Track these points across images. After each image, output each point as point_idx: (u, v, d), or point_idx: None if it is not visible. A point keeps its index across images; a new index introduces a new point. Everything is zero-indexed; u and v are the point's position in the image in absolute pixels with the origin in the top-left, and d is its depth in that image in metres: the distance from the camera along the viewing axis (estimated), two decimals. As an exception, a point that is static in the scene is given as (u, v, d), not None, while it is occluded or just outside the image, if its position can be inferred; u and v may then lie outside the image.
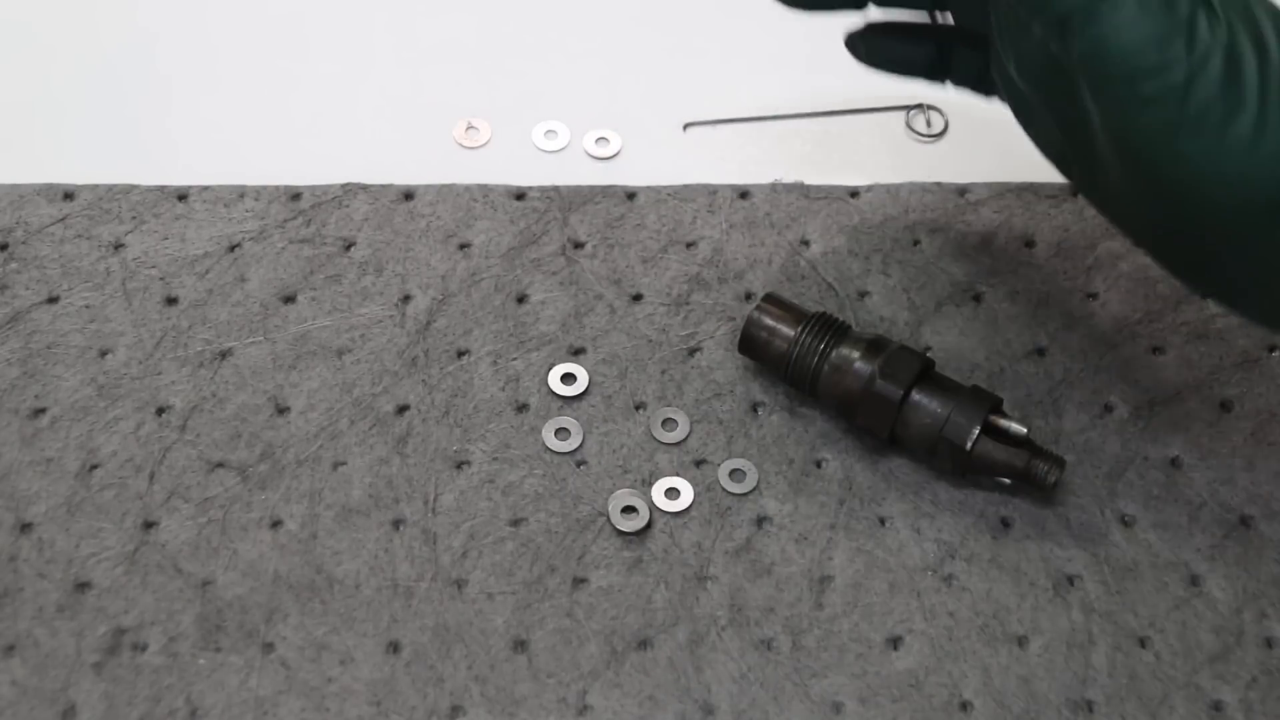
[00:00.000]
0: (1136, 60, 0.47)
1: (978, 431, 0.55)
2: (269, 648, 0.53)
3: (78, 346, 0.60)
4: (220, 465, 0.57)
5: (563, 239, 0.64)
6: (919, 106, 0.68)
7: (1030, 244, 0.64)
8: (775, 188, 0.66)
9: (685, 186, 0.65)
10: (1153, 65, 0.47)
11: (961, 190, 0.66)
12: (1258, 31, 0.47)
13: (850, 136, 0.66)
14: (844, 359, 0.57)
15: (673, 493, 0.57)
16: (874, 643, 0.54)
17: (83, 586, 0.55)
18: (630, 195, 0.65)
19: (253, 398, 0.59)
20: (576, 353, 0.61)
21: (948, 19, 0.59)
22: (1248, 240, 0.48)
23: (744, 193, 0.65)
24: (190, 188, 0.65)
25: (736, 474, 0.58)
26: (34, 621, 0.54)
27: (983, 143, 0.62)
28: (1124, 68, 0.47)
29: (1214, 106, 0.46)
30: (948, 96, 0.63)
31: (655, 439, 0.58)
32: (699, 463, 0.58)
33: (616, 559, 0.56)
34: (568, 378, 0.60)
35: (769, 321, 0.58)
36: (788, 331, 0.58)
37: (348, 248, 0.63)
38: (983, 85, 0.59)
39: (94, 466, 0.57)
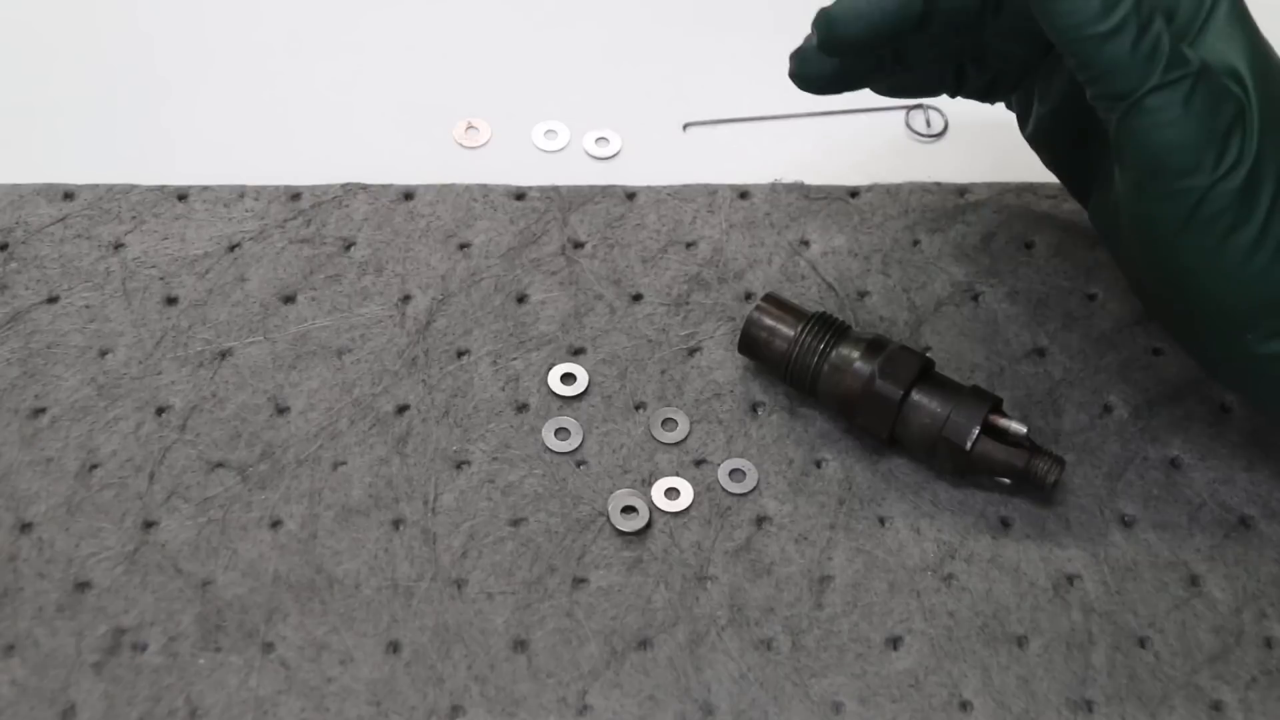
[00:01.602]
0: (1168, 158, 0.49)
1: (978, 431, 0.55)
2: (269, 648, 0.53)
3: (78, 346, 0.60)
4: (220, 465, 0.57)
5: (563, 239, 0.64)
6: (919, 106, 0.68)
7: (1030, 244, 0.64)
8: (775, 188, 0.66)
9: (685, 186, 0.65)
10: (1181, 166, 0.49)
11: (961, 190, 0.66)
12: None
13: (850, 136, 0.66)
14: (844, 359, 0.57)
15: (673, 493, 0.57)
16: (874, 643, 0.54)
17: (83, 586, 0.55)
18: (630, 195, 0.65)
19: (253, 398, 0.59)
20: (576, 353, 0.61)
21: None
22: (1235, 336, 0.51)
23: (744, 193, 0.65)
24: (190, 188, 0.65)
25: (736, 474, 0.58)
26: (34, 621, 0.54)
27: (983, 143, 0.62)
28: (1154, 160, 0.49)
29: (1224, 216, 0.49)
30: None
31: (655, 439, 0.58)
32: (699, 463, 0.58)
33: (616, 559, 0.56)
34: (568, 378, 0.60)
35: (769, 321, 0.58)
36: (788, 331, 0.58)
37: (348, 248, 0.63)
38: (990, 96, 0.61)
39: (94, 466, 0.57)
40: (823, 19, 0.55)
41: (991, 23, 0.56)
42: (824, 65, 0.57)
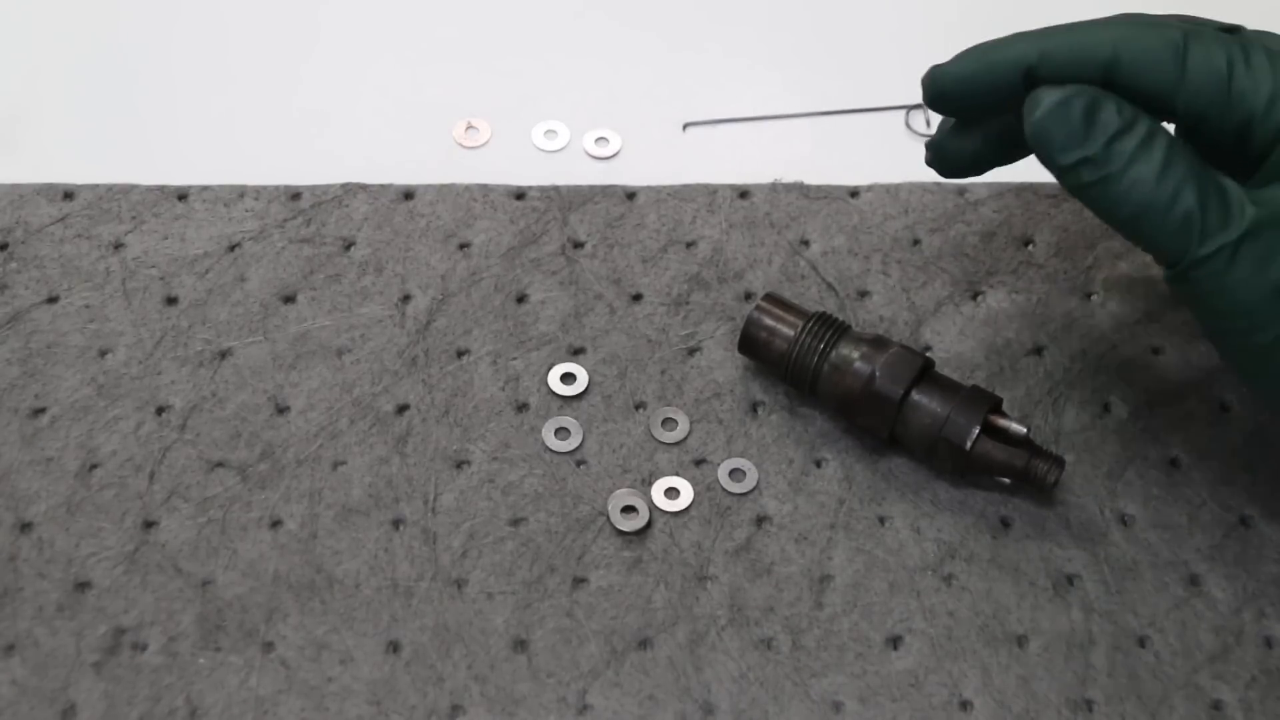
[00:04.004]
0: (1223, 321, 0.50)
1: (978, 431, 0.55)
2: (269, 647, 0.53)
3: (78, 346, 0.60)
4: (220, 465, 0.57)
5: (563, 239, 0.64)
6: (919, 106, 0.68)
7: (1030, 244, 0.64)
8: (775, 188, 0.66)
9: (685, 186, 0.65)
10: (1239, 328, 0.49)
11: (961, 190, 0.66)
12: None
13: (850, 136, 0.66)
14: (844, 359, 0.57)
15: (673, 492, 0.57)
16: (874, 642, 0.54)
17: (83, 586, 0.55)
18: (630, 195, 0.65)
19: (253, 397, 0.59)
20: (576, 353, 0.61)
21: None
22: None
23: (744, 193, 0.65)
24: (190, 188, 0.65)
25: (736, 474, 0.58)
26: (34, 621, 0.54)
27: (983, 143, 0.62)
28: (1212, 322, 0.50)
29: None
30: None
31: (655, 439, 0.58)
32: (699, 462, 0.58)
33: (616, 559, 0.56)
34: (568, 377, 0.60)
35: (769, 321, 0.58)
36: (788, 331, 0.58)
37: (348, 248, 0.63)
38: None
39: (94, 466, 0.57)
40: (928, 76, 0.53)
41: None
42: (961, 145, 0.56)
